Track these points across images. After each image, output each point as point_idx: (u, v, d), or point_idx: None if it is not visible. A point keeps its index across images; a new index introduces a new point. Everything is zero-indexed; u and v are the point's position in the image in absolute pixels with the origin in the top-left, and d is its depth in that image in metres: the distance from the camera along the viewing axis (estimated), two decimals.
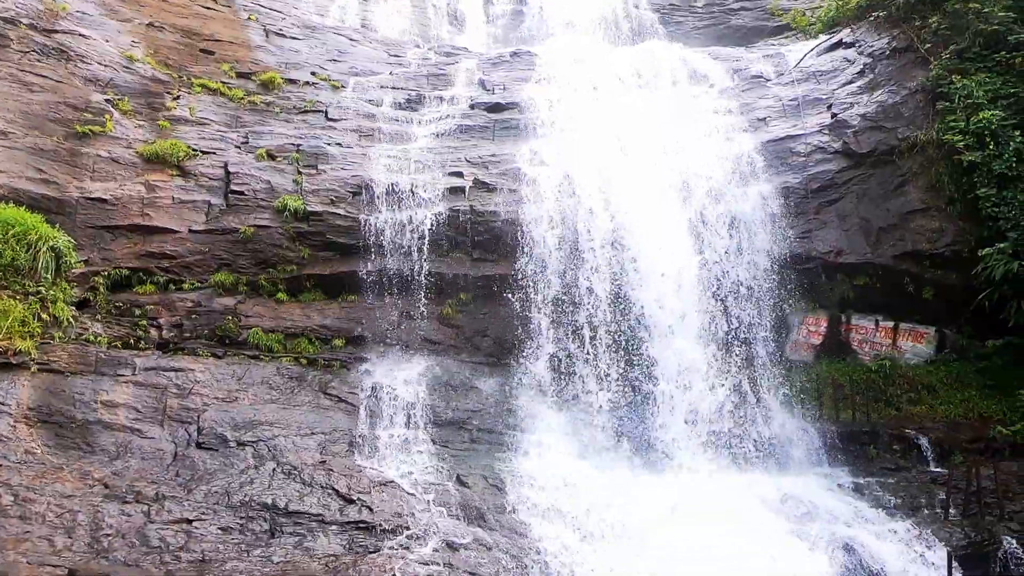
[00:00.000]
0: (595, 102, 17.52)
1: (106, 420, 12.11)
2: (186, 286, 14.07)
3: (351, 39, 20.51)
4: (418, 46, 21.39)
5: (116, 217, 14.11)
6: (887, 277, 15.19)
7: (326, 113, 17.12)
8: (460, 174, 15.63)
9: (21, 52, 15.05)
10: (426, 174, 15.60)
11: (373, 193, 15.00)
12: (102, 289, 13.65)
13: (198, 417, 12.47)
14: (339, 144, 16.18)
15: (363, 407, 13.14)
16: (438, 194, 15.15)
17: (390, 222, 14.70)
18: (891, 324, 15.38)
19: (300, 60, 18.71)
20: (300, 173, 15.38)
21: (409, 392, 13.40)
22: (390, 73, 19.05)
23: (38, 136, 14.17)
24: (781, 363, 14.71)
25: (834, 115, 16.62)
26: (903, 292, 15.18)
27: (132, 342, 13.37)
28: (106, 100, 15.39)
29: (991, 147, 14.37)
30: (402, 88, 18.45)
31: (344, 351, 14.10)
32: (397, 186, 15.10)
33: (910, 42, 16.76)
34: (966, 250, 14.56)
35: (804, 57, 18.70)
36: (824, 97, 17.24)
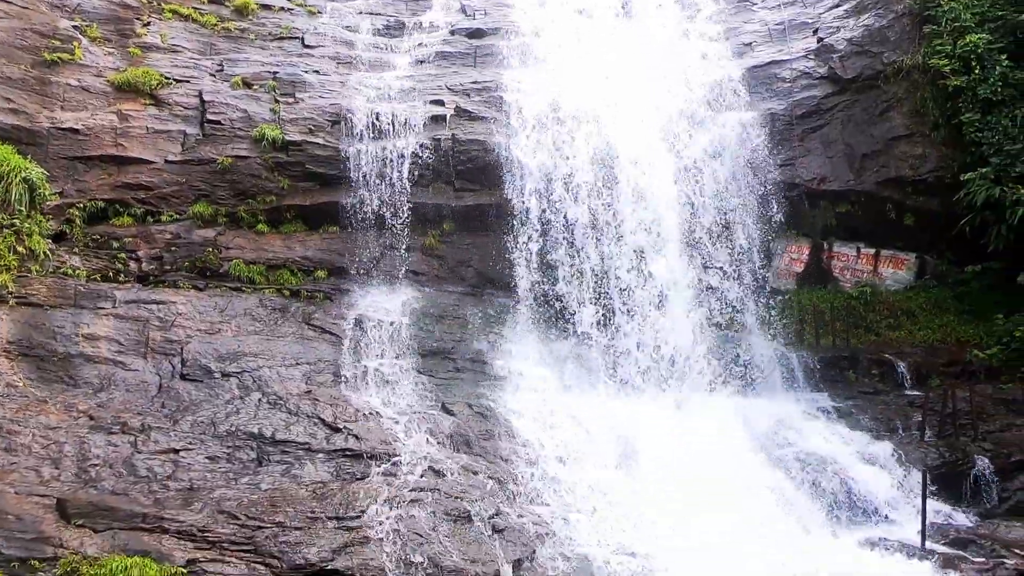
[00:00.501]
0: (579, 27, 17.16)
1: (88, 353, 12.04)
2: (164, 218, 13.87)
3: None
4: None
5: (89, 148, 13.80)
6: (870, 204, 15.23)
7: (303, 40, 16.69)
8: (441, 102, 15.35)
9: None
10: (407, 103, 15.32)
11: (352, 122, 14.73)
12: (78, 222, 13.43)
13: (181, 349, 12.43)
14: (317, 72, 15.82)
15: (347, 338, 13.13)
16: (419, 123, 14.90)
17: (371, 152, 14.48)
18: (872, 251, 15.48)
19: None
20: (277, 102, 15.05)
21: (393, 323, 13.39)
22: None
23: (5, 64, 13.71)
24: (763, 290, 14.80)
25: (820, 39, 16.40)
26: (885, 219, 15.25)
27: (111, 275, 13.23)
28: (74, 27, 14.88)
29: (977, 71, 14.26)
30: (380, 13, 18.00)
31: (327, 282, 14.03)
32: (377, 115, 14.83)
33: None
34: (948, 176, 14.60)
35: None
36: (810, 21, 16.98)
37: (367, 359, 12.94)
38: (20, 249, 12.51)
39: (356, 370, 12.70)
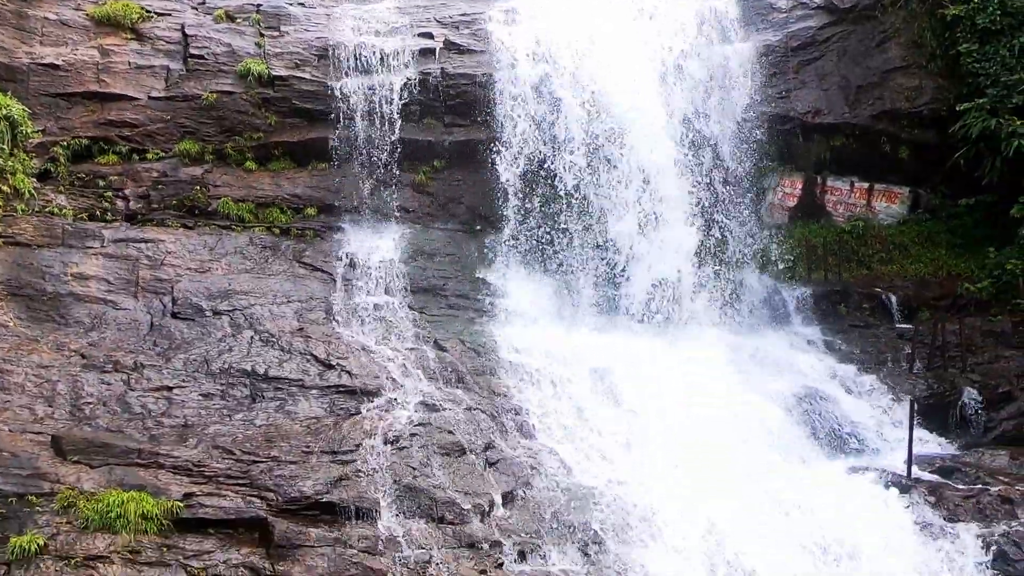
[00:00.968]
0: None
1: (78, 292, 11.98)
2: (150, 156, 13.67)
3: None
4: None
5: (70, 84, 13.56)
6: (864, 137, 15.10)
7: None
8: (430, 35, 15.03)
9: None
10: (395, 36, 14.99)
11: (340, 56, 14.44)
12: (63, 160, 13.25)
13: (172, 288, 12.37)
14: (302, 4, 15.44)
15: (338, 275, 13.08)
16: (408, 57, 14.62)
17: (358, 87, 14.24)
18: (866, 185, 15.38)
19: None
20: (262, 35, 14.72)
21: (384, 259, 13.33)
22: None
23: None
24: (756, 225, 14.75)
25: None
26: (879, 152, 15.13)
27: (99, 214, 13.10)
28: None
29: (975, 0, 14.00)
30: None
31: (317, 220, 13.91)
32: (364, 48, 14.53)
33: None
34: (944, 108, 14.48)
35: None
36: None
37: (359, 296, 12.90)
38: (4, 188, 12.35)
39: (348, 307, 12.67)
